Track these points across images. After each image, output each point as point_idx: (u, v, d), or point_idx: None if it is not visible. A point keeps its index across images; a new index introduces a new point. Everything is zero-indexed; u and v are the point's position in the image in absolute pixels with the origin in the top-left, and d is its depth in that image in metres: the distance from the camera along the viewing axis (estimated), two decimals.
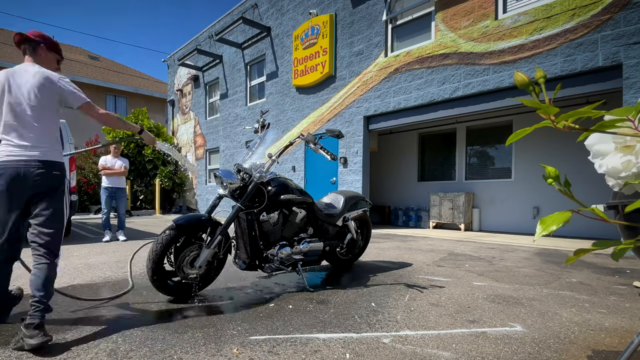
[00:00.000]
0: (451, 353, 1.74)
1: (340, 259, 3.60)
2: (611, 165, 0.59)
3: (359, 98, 7.83)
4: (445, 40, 6.44)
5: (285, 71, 9.56)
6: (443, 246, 5.28)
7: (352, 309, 2.40)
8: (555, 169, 0.62)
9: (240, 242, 2.86)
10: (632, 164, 0.57)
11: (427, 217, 8.24)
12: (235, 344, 1.84)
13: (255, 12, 10.55)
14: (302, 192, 3.01)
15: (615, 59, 4.73)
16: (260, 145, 2.89)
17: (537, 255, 4.47)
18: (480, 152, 7.95)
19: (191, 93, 13.84)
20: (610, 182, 0.61)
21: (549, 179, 0.63)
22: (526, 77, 0.63)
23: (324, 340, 1.89)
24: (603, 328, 2.07)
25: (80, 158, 13.00)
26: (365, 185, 7.78)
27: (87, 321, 2.14)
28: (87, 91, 18.66)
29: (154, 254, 2.41)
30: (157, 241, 2.44)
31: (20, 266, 2.42)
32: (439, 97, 6.48)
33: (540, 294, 2.75)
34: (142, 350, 1.76)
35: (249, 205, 2.71)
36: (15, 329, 1.97)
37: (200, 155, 13.18)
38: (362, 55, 7.75)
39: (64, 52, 19.95)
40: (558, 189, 0.60)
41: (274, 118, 9.89)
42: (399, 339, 1.91)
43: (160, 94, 20.65)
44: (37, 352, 1.70)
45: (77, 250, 4.80)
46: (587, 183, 5.97)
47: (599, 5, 4.88)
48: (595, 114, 0.55)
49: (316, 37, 8.56)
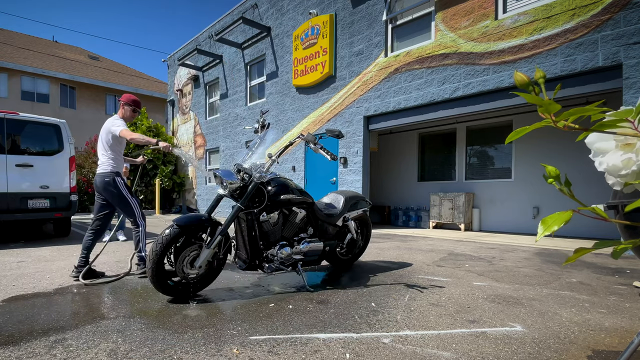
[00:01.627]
0: (451, 353, 1.74)
1: (340, 259, 3.60)
2: (611, 163, 0.59)
3: (359, 98, 7.83)
4: (445, 40, 6.44)
5: (285, 71, 9.56)
6: (443, 246, 5.28)
7: (352, 309, 2.40)
8: (556, 169, 0.62)
9: (240, 242, 2.86)
10: (632, 162, 0.57)
11: (427, 217, 8.23)
12: (235, 344, 1.84)
13: (255, 12, 10.56)
14: (302, 192, 3.01)
15: (615, 59, 4.73)
16: (260, 145, 2.89)
17: (537, 255, 4.47)
18: (480, 152, 7.95)
19: (191, 93, 13.84)
20: (611, 180, 0.61)
21: (550, 178, 0.62)
22: (526, 77, 0.63)
23: (324, 340, 1.88)
24: (603, 328, 2.07)
25: (80, 158, 13.00)
26: (365, 185, 7.78)
27: (87, 321, 2.14)
28: (87, 91, 18.73)
29: (154, 254, 2.41)
30: (157, 241, 2.44)
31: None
32: (439, 97, 6.48)
33: (540, 294, 2.75)
34: (142, 350, 1.76)
35: (249, 205, 2.71)
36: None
37: (200, 155, 13.18)
38: (362, 55, 7.75)
39: (64, 52, 19.83)
40: (559, 189, 0.60)
41: (274, 118, 9.89)
42: (399, 339, 1.91)
43: (160, 94, 20.66)
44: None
45: (77, 250, 4.80)
46: (587, 183, 5.98)
47: (599, 5, 4.88)
48: (596, 112, 0.55)
49: (316, 37, 8.56)
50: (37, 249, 4.81)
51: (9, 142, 5.31)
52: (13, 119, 5.37)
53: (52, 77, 17.54)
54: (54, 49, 21.12)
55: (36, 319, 2.18)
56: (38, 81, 17.33)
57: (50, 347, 1.78)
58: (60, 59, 19.71)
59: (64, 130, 5.84)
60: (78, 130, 17.06)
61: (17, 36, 20.84)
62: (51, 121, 5.78)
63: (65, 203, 5.74)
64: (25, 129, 5.52)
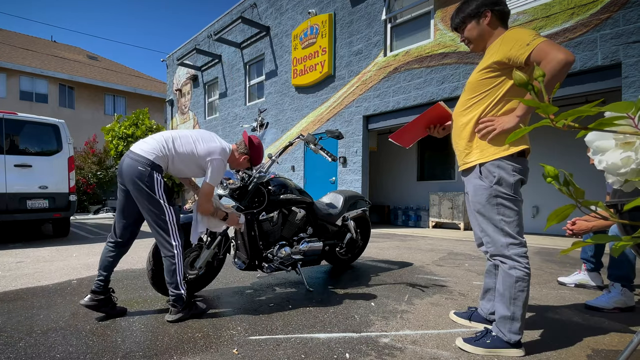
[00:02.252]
0: (451, 353, 1.74)
1: (340, 259, 3.60)
2: (611, 161, 0.59)
3: (358, 97, 7.83)
4: (444, 40, 6.44)
5: (285, 71, 9.56)
6: (442, 245, 5.28)
7: (352, 309, 2.39)
8: (554, 168, 0.62)
9: (239, 242, 2.85)
10: (631, 160, 0.57)
11: (427, 216, 8.24)
12: (235, 344, 1.84)
13: (254, 11, 10.55)
14: (301, 191, 3.01)
15: (614, 58, 4.74)
16: None
17: (536, 255, 4.47)
18: None
19: (190, 93, 13.82)
20: (610, 179, 0.61)
21: (549, 177, 0.62)
22: (525, 76, 0.63)
23: (324, 340, 1.88)
24: (603, 327, 2.07)
25: (79, 158, 12.99)
26: (365, 185, 7.78)
27: (86, 322, 2.14)
28: (86, 91, 18.71)
29: (154, 257, 2.40)
30: (154, 245, 2.42)
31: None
32: (439, 97, 6.48)
33: (540, 294, 2.75)
34: (141, 350, 1.75)
35: (249, 205, 2.71)
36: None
37: None
38: (361, 55, 7.75)
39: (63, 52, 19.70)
40: (558, 188, 0.60)
41: (273, 118, 9.88)
42: (398, 338, 1.91)
43: (159, 94, 20.63)
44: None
45: (76, 250, 4.79)
46: (586, 183, 5.97)
47: (597, 4, 4.88)
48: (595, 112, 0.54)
49: (315, 37, 8.56)
50: (36, 250, 4.81)
51: (7, 143, 5.30)
52: (11, 119, 5.35)
53: (51, 77, 17.50)
54: (52, 49, 21.09)
55: (35, 319, 2.18)
56: (37, 81, 17.30)
57: (49, 347, 1.78)
58: (59, 59, 19.68)
59: (62, 130, 5.83)
60: (77, 130, 17.05)
61: (15, 36, 20.80)
62: (50, 121, 5.77)
63: (64, 203, 5.73)
64: (23, 129, 5.51)
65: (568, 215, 0.58)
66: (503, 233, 1.71)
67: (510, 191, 1.68)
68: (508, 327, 1.69)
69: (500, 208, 1.70)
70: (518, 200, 1.70)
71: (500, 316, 1.72)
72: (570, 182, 0.59)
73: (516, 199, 1.69)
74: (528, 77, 0.64)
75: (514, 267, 1.68)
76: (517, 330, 1.68)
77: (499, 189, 1.69)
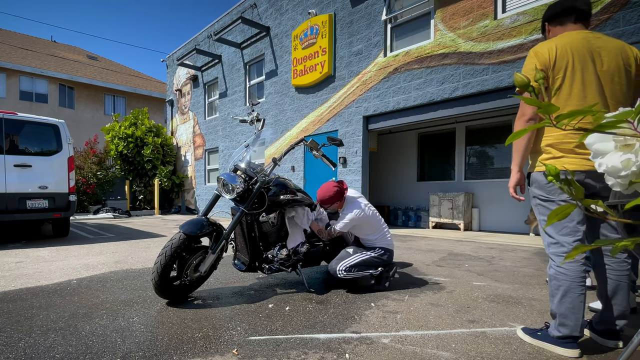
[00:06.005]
0: (451, 353, 1.74)
1: None
2: (611, 164, 0.59)
3: (358, 98, 7.83)
4: (444, 40, 6.44)
5: (285, 71, 9.56)
6: (442, 246, 5.28)
7: (352, 309, 2.39)
8: (555, 167, 0.62)
9: (241, 244, 2.85)
10: (631, 163, 0.57)
11: (427, 217, 8.24)
12: (235, 344, 1.84)
13: (254, 11, 10.55)
14: (301, 192, 3.01)
15: None
16: (256, 143, 2.89)
17: (536, 255, 4.47)
18: (480, 151, 7.96)
19: (190, 93, 13.82)
20: (610, 181, 0.61)
21: (549, 176, 0.62)
22: (525, 78, 0.63)
23: (324, 341, 1.88)
24: None
25: (80, 158, 12.98)
26: (365, 185, 7.78)
27: (85, 322, 2.14)
28: (85, 91, 18.71)
29: (161, 266, 2.33)
30: (163, 254, 2.36)
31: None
32: (438, 97, 6.48)
33: (540, 294, 2.75)
34: (141, 351, 1.75)
35: (251, 207, 2.71)
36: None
37: (200, 156, 13.17)
38: (361, 55, 7.75)
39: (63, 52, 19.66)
40: (558, 187, 0.60)
41: (273, 118, 9.88)
42: (398, 339, 1.91)
43: (159, 94, 20.64)
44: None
45: (76, 250, 4.79)
46: None
47: (597, 5, 4.89)
48: (595, 113, 0.55)
49: (315, 37, 8.56)
50: (36, 250, 4.81)
51: (7, 143, 5.30)
52: (11, 119, 5.35)
53: (51, 77, 17.50)
54: (52, 49, 21.09)
55: (35, 319, 2.18)
56: (36, 81, 17.30)
57: (49, 347, 1.78)
58: (59, 59, 19.68)
59: (62, 130, 5.83)
60: (77, 130, 17.07)
61: (15, 36, 20.80)
62: (50, 121, 5.76)
63: (64, 203, 5.73)
64: (23, 129, 5.51)
65: (568, 214, 0.58)
66: (545, 233, 1.81)
67: (543, 192, 1.77)
68: (554, 322, 1.78)
69: (539, 208, 1.82)
70: (554, 202, 1.75)
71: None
72: (570, 181, 0.59)
73: (552, 200, 1.75)
74: (528, 79, 0.64)
75: (551, 265, 1.78)
76: (557, 327, 1.74)
77: (534, 190, 1.82)
